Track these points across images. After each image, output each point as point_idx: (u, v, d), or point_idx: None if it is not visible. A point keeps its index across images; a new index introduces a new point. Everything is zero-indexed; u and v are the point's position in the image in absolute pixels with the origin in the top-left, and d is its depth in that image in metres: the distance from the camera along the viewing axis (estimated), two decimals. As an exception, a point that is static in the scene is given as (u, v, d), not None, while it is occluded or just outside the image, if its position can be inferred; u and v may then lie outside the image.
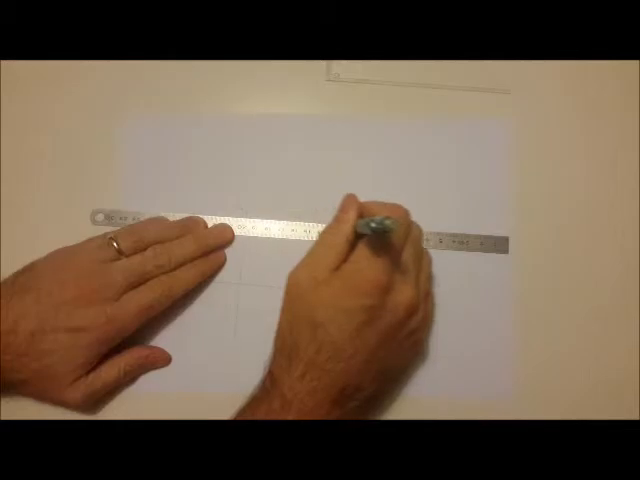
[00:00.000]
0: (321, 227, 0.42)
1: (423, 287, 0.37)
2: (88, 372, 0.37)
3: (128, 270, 0.37)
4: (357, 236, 0.35)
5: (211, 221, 0.42)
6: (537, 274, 0.42)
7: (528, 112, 0.44)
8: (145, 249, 0.39)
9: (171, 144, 0.44)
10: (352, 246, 0.35)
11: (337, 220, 0.36)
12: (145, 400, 0.40)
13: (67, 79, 0.45)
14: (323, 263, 0.34)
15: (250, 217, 0.43)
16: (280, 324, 0.35)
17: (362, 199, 0.42)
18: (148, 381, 0.40)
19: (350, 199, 0.37)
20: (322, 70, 0.45)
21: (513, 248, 0.42)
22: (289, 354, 0.34)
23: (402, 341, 0.36)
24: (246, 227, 0.43)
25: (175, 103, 0.45)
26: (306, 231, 0.42)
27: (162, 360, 0.40)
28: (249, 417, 0.34)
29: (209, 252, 0.41)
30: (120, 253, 0.38)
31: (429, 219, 0.42)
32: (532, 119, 0.44)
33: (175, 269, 0.39)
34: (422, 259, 0.38)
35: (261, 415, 0.33)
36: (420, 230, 0.38)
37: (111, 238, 0.38)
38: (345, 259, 0.35)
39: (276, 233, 0.43)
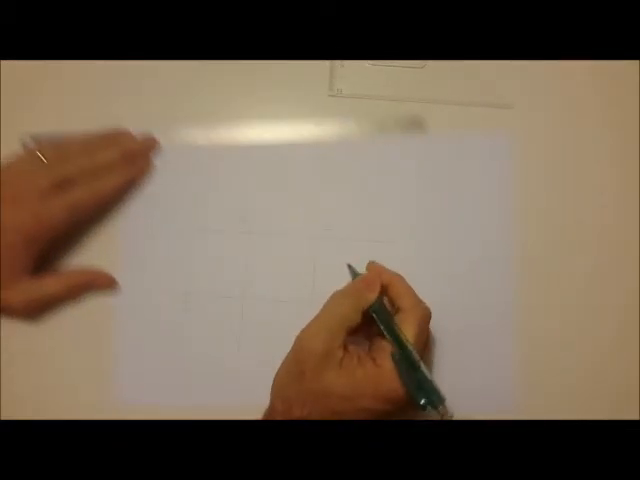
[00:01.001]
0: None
1: None
2: (32, 279, 0.38)
3: (52, 173, 0.39)
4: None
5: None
6: (538, 283, 0.42)
7: (531, 126, 0.44)
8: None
9: (174, 160, 0.43)
10: (364, 318, 0.36)
11: (357, 292, 0.37)
12: (148, 412, 0.39)
13: (69, 94, 0.45)
14: (336, 336, 0.35)
15: (254, 234, 0.43)
16: (284, 387, 0.36)
17: (362, 216, 0.42)
18: (152, 393, 0.41)
19: (375, 275, 0.38)
20: (324, 85, 0.45)
21: (515, 261, 0.42)
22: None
23: None
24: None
25: (176, 125, 0.44)
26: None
27: (107, 283, 0.41)
28: None
29: (134, 158, 0.42)
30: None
31: (429, 235, 0.42)
32: (535, 133, 0.44)
33: (100, 173, 0.40)
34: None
35: None
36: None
37: (37, 150, 0.39)
38: (354, 332, 0.36)
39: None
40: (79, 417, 0.38)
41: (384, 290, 0.38)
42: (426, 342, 0.37)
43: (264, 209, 0.43)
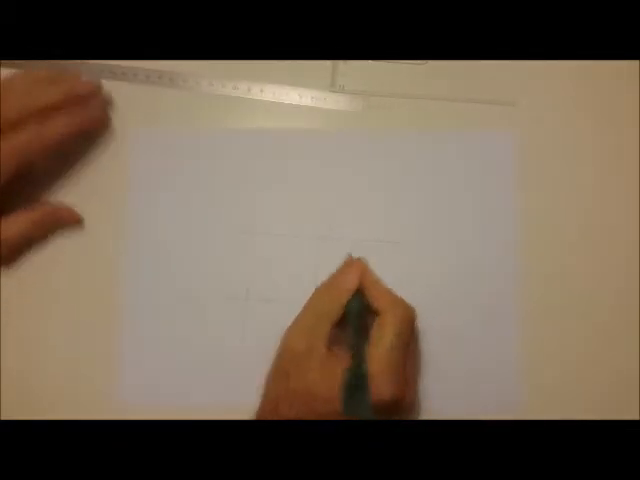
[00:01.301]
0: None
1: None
2: None
3: None
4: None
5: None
6: (541, 283, 0.42)
7: (533, 123, 0.44)
8: None
9: (179, 159, 0.43)
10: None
11: (335, 284, 0.37)
12: (149, 412, 0.39)
13: None
14: (319, 333, 0.35)
15: (257, 233, 0.42)
16: (271, 387, 0.36)
17: (364, 215, 0.42)
18: (154, 393, 0.41)
19: (349, 265, 0.38)
20: (327, 82, 0.45)
21: (517, 260, 0.42)
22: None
23: None
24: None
25: (180, 119, 0.44)
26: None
27: (70, 218, 0.41)
28: None
29: (80, 102, 0.40)
30: None
31: (431, 235, 0.42)
32: (537, 131, 0.44)
33: (43, 116, 0.38)
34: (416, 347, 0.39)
35: None
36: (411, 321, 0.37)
37: None
38: (336, 324, 0.36)
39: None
40: (80, 417, 0.38)
41: (362, 291, 0.37)
42: (409, 342, 0.36)
43: (266, 209, 0.43)
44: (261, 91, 0.44)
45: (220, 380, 0.41)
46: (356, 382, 0.33)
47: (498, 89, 0.44)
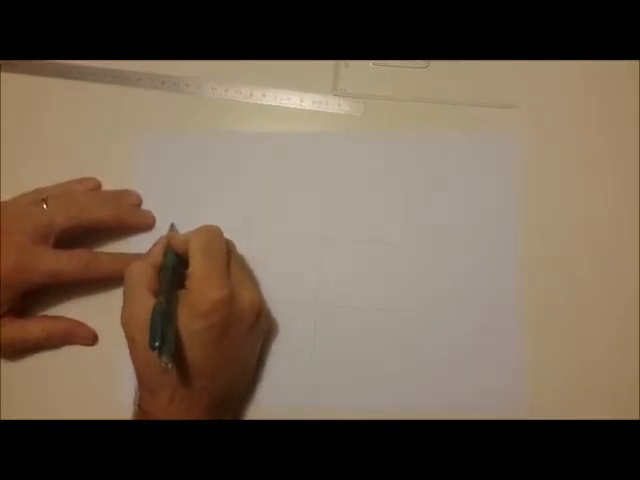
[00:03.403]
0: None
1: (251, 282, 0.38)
2: (13, 320, 0.38)
3: (46, 223, 0.38)
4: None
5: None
6: (541, 284, 0.42)
7: (534, 126, 0.44)
8: None
9: (182, 162, 0.44)
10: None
11: (147, 253, 0.38)
12: None
13: (81, 99, 0.45)
14: (145, 300, 0.35)
15: (259, 234, 0.42)
16: (133, 361, 0.36)
17: (364, 216, 0.42)
18: None
19: (161, 238, 0.39)
20: (328, 85, 0.45)
21: (517, 262, 0.42)
22: (150, 386, 0.35)
23: (257, 336, 0.38)
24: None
25: (183, 123, 0.44)
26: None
27: (86, 338, 0.41)
28: None
29: (126, 226, 0.42)
30: None
31: (431, 236, 0.42)
32: (539, 133, 0.44)
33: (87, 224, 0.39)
34: (236, 257, 0.39)
35: None
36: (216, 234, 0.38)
37: (44, 200, 0.39)
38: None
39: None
40: (80, 417, 0.38)
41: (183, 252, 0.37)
42: (224, 251, 0.37)
43: (267, 211, 0.43)
44: (263, 95, 0.44)
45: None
46: (167, 313, 0.33)
47: (499, 91, 0.44)
